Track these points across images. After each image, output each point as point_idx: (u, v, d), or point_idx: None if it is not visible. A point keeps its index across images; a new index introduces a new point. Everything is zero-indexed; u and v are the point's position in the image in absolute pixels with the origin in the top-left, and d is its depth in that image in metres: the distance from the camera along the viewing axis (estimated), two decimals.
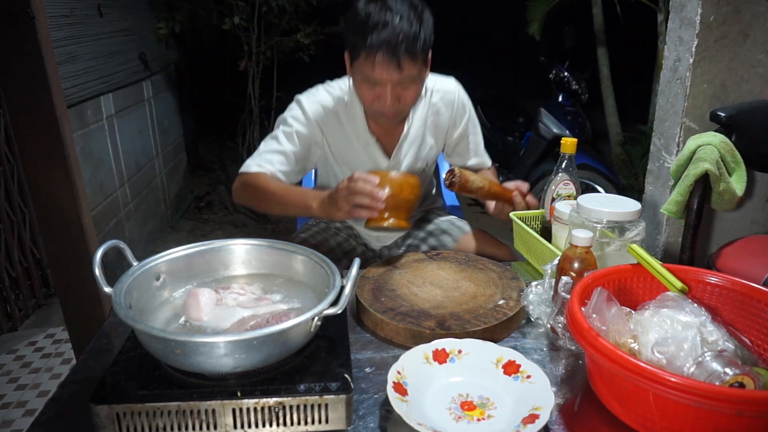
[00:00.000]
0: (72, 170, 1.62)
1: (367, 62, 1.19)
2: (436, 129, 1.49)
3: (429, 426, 0.71)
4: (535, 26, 3.74)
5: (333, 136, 1.41)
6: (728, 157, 1.40)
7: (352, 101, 1.39)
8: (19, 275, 2.44)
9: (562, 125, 3.28)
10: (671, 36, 1.56)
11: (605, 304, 0.81)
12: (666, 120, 1.61)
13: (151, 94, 3.50)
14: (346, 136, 1.42)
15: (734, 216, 1.69)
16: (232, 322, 0.85)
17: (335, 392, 0.73)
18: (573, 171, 1.25)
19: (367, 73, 1.21)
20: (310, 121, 1.38)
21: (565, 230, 1.12)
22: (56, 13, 2.32)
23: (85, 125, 2.56)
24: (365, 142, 1.42)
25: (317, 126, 1.39)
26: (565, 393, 0.83)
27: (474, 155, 1.57)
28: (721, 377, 0.69)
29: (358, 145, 1.42)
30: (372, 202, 1.07)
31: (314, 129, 1.39)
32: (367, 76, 1.21)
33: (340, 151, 1.44)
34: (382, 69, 1.19)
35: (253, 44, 3.47)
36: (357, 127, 1.40)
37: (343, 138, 1.42)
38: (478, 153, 1.58)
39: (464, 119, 1.51)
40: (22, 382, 2.05)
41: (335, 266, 0.90)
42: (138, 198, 3.20)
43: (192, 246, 0.99)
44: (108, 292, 0.82)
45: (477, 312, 0.99)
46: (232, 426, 0.73)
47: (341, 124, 1.41)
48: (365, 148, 1.43)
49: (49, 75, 1.54)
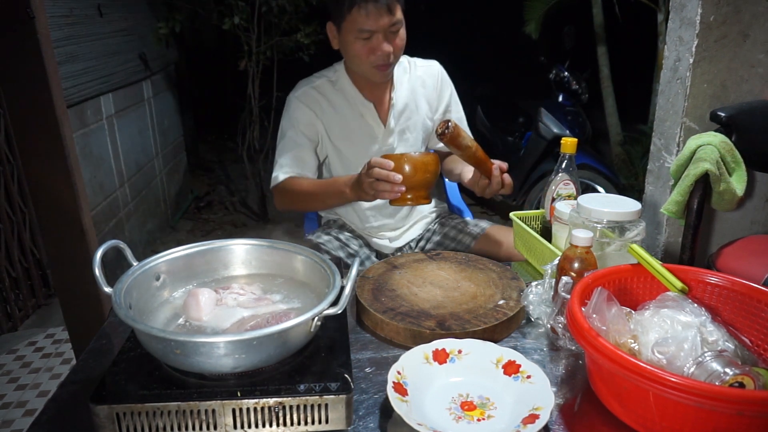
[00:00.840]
0: (72, 170, 1.62)
1: (360, 14, 1.30)
2: (426, 102, 1.57)
3: (429, 426, 0.71)
4: (533, 25, 3.74)
5: (326, 115, 1.48)
6: (728, 157, 1.40)
7: (338, 78, 1.49)
8: (19, 275, 2.44)
9: (562, 125, 3.28)
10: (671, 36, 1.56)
11: (605, 304, 0.81)
12: (666, 120, 1.61)
13: (151, 94, 3.50)
14: (338, 112, 1.49)
15: (734, 216, 1.69)
16: (232, 322, 0.85)
17: (335, 392, 0.73)
18: (573, 171, 1.25)
19: (360, 24, 1.31)
20: (303, 109, 1.47)
21: (565, 230, 1.12)
22: (56, 13, 2.32)
23: (85, 125, 2.56)
24: (360, 112, 1.49)
25: (310, 110, 1.47)
26: (565, 393, 0.83)
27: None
28: (721, 377, 0.69)
29: (352, 117, 1.49)
30: (392, 187, 1.16)
31: (309, 114, 1.47)
32: (361, 28, 1.31)
33: (334, 129, 1.50)
34: (376, 16, 1.30)
35: (253, 44, 3.47)
36: (349, 98, 1.49)
37: (335, 115, 1.49)
38: None
39: (447, 93, 1.60)
40: (22, 382, 2.05)
41: (335, 266, 0.90)
42: (138, 198, 3.20)
43: (192, 246, 0.99)
44: (108, 292, 0.82)
45: (477, 312, 0.99)
46: (232, 426, 0.73)
47: (331, 102, 1.48)
48: (360, 118, 1.49)
49: (49, 75, 1.54)
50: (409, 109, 1.54)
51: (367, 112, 1.49)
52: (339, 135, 1.50)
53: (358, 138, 1.51)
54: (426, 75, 1.57)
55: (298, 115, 1.47)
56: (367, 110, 1.49)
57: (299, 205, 1.49)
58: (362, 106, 1.49)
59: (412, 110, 1.55)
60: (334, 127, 1.50)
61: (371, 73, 1.40)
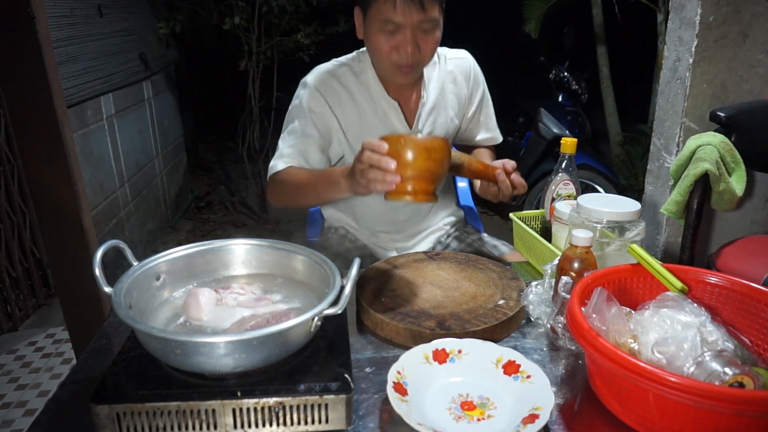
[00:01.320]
0: (72, 170, 1.62)
1: (387, 3, 1.12)
2: (455, 100, 1.42)
3: (429, 426, 0.71)
4: (532, 24, 3.73)
5: (344, 109, 1.33)
6: (728, 157, 1.40)
7: (363, 70, 1.33)
8: (19, 275, 2.44)
9: (562, 125, 3.28)
10: (671, 36, 1.56)
11: (605, 304, 0.81)
12: (666, 120, 1.61)
13: (152, 94, 3.50)
14: (358, 108, 1.33)
15: (734, 216, 1.69)
16: (232, 322, 0.85)
17: (335, 392, 0.73)
18: (573, 171, 1.25)
19: (386, 15, 1.14)
20: (318, 99, 1.31)
21: (565, 230, 1.13)
22: (56, 13, 2.32)
23: (85, 125, 2.57)
24: (383, 111, 1.33)
25: (326, 101, 1.32)
26: (565, 393, 0.83)
27: (485, 130, 1.50)
28: (720, 377, 0.69)
29: (374, 115, 1.34)
30: (383, 175, 0.94)
31: (325, 106, 1.32)
32: (387, 19, 1.14)
33: (352, 126, 1.34)
34: (405, 8, 1.13)
35: (253, 44, 3.47)
36: (372, 94, 1.33)
37: (354, 110, 1.33)
38: (489, 128, 1.51)
39: (480, 92, 1.46)
40: (23, 382, 2.05)
41: (335, 266, 0.90)
42: (138, 198, 3.20)
43: (192, 246, 0.99)
44: (108, 292, 0.82)
45: (477, 312, 0.99)
46: (232, 426, 0.73)
47: (352, 96, 1.33)
48: (383, 118, 1.34)
49: (50, 75, 1.54)
50: (437, 109, 1.39)
51: (391, 111, 1.34)
52: (357, 134, 1.34)
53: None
54: (457, 70, 1.40)
55: (312, 105, 1.31)
56: (391, 109, 1.33)
57: (293, 198, 1.29)
58: (387, 105, 1.33)
59: (440, 110, 1.39)
60: (352, 125, 1.34)
61: (392, 72, 1.25)
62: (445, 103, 1.40)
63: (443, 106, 1.40)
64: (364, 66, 1.33)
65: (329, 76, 1.32)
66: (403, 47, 1.18)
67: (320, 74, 1.33)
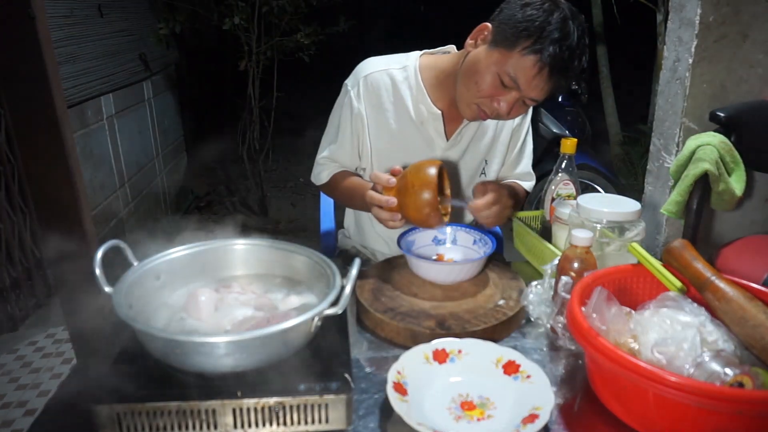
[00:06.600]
0: (72, 170, 1.62)
1: (529, 64, 1.06)
2: (511, 129, 1.39)
3: (429, 426, 0.71)
4: None
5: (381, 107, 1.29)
6: (727, 157, 1.40)
7: (409, 74, 1.28)
8: (20, 275, 2.44)
9: (561, 125, 3.28)
10: (671, 36, 1.56)
11: (605, 304, 0.81)
12: (666, 120, 1.62)
13: (152, 95, 3.50)
14: (396, 109, 1.30)
15: (734, 216, 1.69)
16: (232, 322, 0.85)
17: (335, 392, 0.73)
18: (573, 171, 1.25)
19: (518, 71, 1.07)
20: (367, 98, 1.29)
21: (565, 230, 1.13)
22: (56, 14, 2.32)
23: (85, 125, 2.57)
24: (422, 119, 1.29)
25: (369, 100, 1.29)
26: (565, 393, 0.83)
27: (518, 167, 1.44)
28: (720, 377, 0.69)
29: (408, 120, 1.30)
30: (391, 215, 1.01)
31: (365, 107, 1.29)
32: (515, 75, 1.08)
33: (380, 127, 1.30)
34: (536, 84, 1.08)
35: (253, 44, 3.47)
36: (417, 99, 1.28)
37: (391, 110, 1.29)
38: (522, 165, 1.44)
39: (525, 128, 1.42)
40: (23, 381, 2.05)
41: (335, 266, 0.90)
42: (138, 198, 3.20)
43: (192, 246, 0.99)
44: (108, 292, 0.82)
45: (477, 312, 0.99)
46: (232, 426, 0.74)
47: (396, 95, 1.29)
48: (420, 126, 1.30)
49: (50, 75, 1.54)
50: (481, 131, 1.34)
51: (430, 121, 1.29)
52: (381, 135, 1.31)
53: (411, 146, 1.30)
54: None
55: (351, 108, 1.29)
56: (432, 118, 1.28)
57: (344, 203, 1.44)
58: (428, 112, 1.28)
59: (484, 133, 1.34)
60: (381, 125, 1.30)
61: (466, 108, 1.18)
62: (500, 130, 1.37)
63: (495, 131, 1.37)
64: (409, 71, 1.29)
65: (384, 74, 1.29)
66: (502, 103, 1.13)
67: (376, 70, 1.30)
